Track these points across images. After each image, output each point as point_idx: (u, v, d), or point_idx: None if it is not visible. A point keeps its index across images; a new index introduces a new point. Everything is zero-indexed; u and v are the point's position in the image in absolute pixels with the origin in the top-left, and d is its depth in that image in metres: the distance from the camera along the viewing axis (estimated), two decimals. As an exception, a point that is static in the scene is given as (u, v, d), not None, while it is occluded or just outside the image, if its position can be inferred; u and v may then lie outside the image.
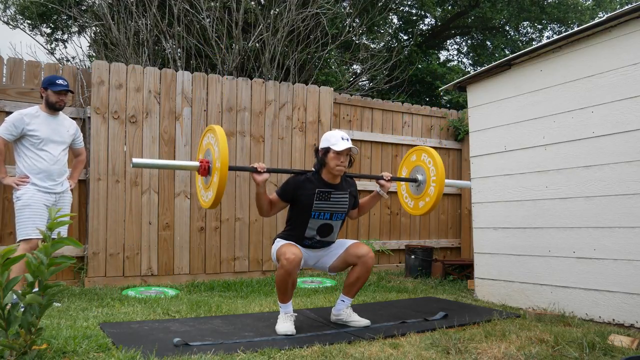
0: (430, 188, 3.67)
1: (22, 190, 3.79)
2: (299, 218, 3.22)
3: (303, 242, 3.24)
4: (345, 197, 3.26)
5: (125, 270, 4.93)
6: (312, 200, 3.15)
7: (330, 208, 3.20)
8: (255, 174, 3.09)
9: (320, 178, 3.21)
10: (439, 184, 3.60)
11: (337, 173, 3.17)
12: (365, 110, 6.38)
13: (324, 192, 3.17)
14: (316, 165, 3.25)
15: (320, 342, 2.80)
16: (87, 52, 9.35)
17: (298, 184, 3.20)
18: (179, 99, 5.23)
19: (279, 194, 3.24)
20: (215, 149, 2.94)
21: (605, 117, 3.61)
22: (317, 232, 3.23)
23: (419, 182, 3.78)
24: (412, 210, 3.87)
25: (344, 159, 3.15)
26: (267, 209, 3.24)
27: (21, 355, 2.23)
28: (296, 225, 3.24)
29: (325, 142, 3.18)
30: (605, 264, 3.57)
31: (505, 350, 2.73)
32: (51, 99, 3.89)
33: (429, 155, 3.72)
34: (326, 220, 3.21)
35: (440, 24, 11.88)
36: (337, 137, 3.15)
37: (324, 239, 3.27)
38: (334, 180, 3.22)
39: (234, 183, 5.44)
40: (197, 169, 3.07)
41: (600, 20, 3.59)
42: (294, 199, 3.21)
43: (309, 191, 3.16)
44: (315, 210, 3.16)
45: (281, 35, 7.28)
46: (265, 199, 3.19)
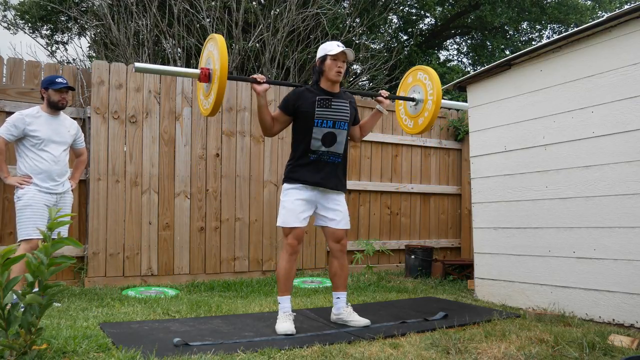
0: (428, 103, 3.72)
1: (23, 190, 3.80)
2: (303, 129, 3.24)
3: (309, 156, 3.24)
4: (345, 105, 3.30)
5: (125, 270, 4.93)
6: (314, 108, 3.20)
7: (332, 115, 3.23)
8: (255, 84, 3.17)
9: (319, 87, 3.29)
10: (436, 98, 3.67)
11: (335, 78, 3.23)
12: (365, 110, 6.37)
13: (324, 99, 3.23)
14: (314, 76, 3.33)
15: (320, 342, 2.80)
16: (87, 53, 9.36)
17: (298, 94, 3.27)
18: (179, 99, 5.23)
19: (281, 106, 3.31)
20: (215, 57, 3.04)
21: (605, 117, 3.61)
22: (322, 142, 3.23)
23: (416, 101, 3.84)
24: (411, 129, 3.92)
25: (341, 64, 3.22)
26: (270, 124, 3.30)
27: (21, 355, 2.23)
28: (301, 139, 3.26)
29: (322, 52, 3.27)
30: (605, 264, 3.57)
31: (505, 350, 2.73)
32: (53, 98, 3.89)
33: (425, 72, 3.80)
34: (329, 129, 3.23)
35: (440, 24, 11.88)
36: (333, 44, 3.24)
37: (330, 149, 3.25)
38: (333, 89, 3.29)
39: (234, 183, 5.44)
40: (197, 76, 3.16)
41: (600, 20, 3.59)
42: (295, 110, 3.26)
43: (309, 99, 3.22)
44: (317, 117, 3.20)
45: (281, 35, 7.29)
46: (267, 112, 3.26)
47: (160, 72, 3.54)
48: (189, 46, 7.49)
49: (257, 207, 5.56)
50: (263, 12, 7.66)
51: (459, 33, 12.75)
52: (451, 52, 14.10)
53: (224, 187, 5.40)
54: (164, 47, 8.00)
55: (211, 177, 5.34)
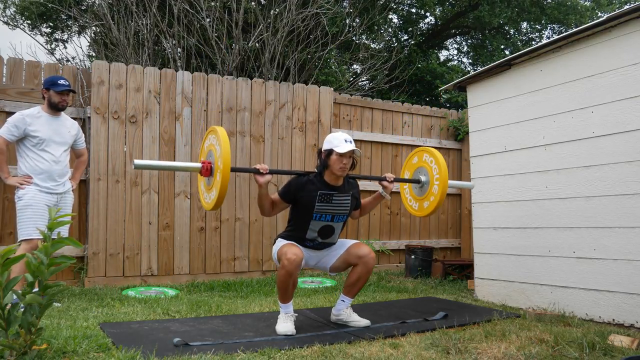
0: (434, 187, 3.61)
1: (23, 191, 3.80)
2: (301, 219, 3.22)
3: (304, 243, 3.24)
4: (347, 199, 3.25)
5: (125, 270, 4.93)
6: (314, 202, 3.15)
7: (332, 210, 3.20)
8: (258, 175, 3.09)
9: (322, 180, 3.21)
10: (442, 183, 3.56)
11: (339, 174, 3.17)
12: (365, 110, 6.38)
13: (326, 195, 3.17)
14: (319, 167, 3.25)
15: (320, 342, 2.80)
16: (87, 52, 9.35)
17: (300, 185, 3.20)
18: (179, 99, 5.23)
19: (281, 194, 3.24)
20: (217, 151, 2.93)
21: (605, 117, 3.61)
22: (319, 234, 3.23)
23: (422, 183, 3.73)
24: (417, 211, 3.81)
25: (346, 161, 3.14)
26: (269, 210, 3.25)
27: (21, 355, 2.23)
28: (297, 227, 3.24)
29: (328, 144, 3.18)
30: (605, 264, 3.57)
31: (505, 350, 2.73)
32: (53, 99, 3.89)
33: (431, 156, 3.69)
34: (327, 222, 3.21)
35: (440, 24, 11.88)
36: (341, 139, 3.15)
37: (325, 241, 3.27)
38: (337, 182, 3.22)
39: (234, 183, 5.44)
40: (199, 170, 3.06)
41: (600, 20, 3.59)
42: (295, 200, 3.21)
43: (311, 193, 3.16)
44: (317, 212, 3.16)
45: (281, 35, 7.28)
46: (267, 200, 3.19)
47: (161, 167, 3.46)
48: (189, 46, 7.49)
49: (257, 207, 5.50)
50: (263, 12, 7.65)
51: (459, 33, 12.74)
52: (451, 52, 14.11)
53: (224, 187, 5.39)
54: (164, 47, 7.99)
55: (211, 177, 5.33)
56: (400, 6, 11.25)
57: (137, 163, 3.00)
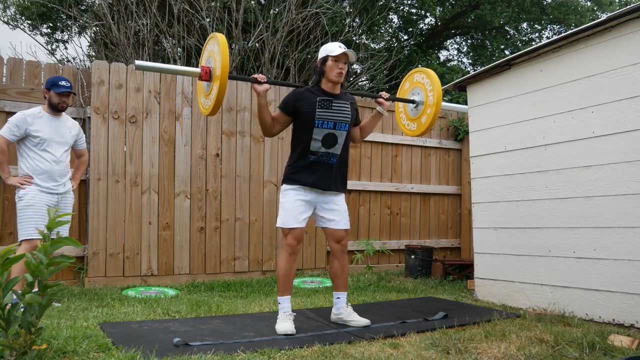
0: (429, 98, 3.72)
1: (24, 191, 3.80)
2: (303, 130, 3.23)
3: (309, 157, 3.22)
4: (346, 106, 3.29)
5: (125, 270, 4.93)
6: (315, 109, 3.18)
7: (333, 116, 3.22)
8: (256, 84, 3.15)
9: (320, 88, 3.27)
10: (436, 98, 3.66)
11: (336, 79, 3.22)
12: (365, 110, 6.37)
13: (325, 100, 3.21)
14: (315, 77, 3.32)
15: (320, 342, 2.80)
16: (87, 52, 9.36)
17: (299, 94, 3.26)
18: (179, 99, 5.23)
19: (281, 107, 3.30)
20: (216, 56, 3.01)
21: (605, 117, 3.61)
22: (322, 143, 3.21)
23: (417, 103, 3.83)
24: (413, 131, 3.91)
25: (342, 66, 3.21)
26: (270, 124, 3.29)
27: (21, 355, 2.23)
28: (301, 140, 3.25)
29: (323, 52, 3.26)
30: (605, 264, 3.57)
31: (505, 350, 2.73)
32: (53, 100, 3.89)
33: (425, 74, 3.80)
34: (330, 130, 3.21)
35: (440, 24, 11.88)
36: (335, 45, 3.23)
37: (329, 150, 3.24)
38: (334, 90, 3.28)
39: (234, 183, 5.44)
40: (198, 75, 3.12)
41: (600, 21, 3.59)
42: (296, 110, 3.24)
43: (310, 100, 3.21)
44: (318, 118, 3.18)
45: (281, 35, 7.29)
46: (267, 112, 3.24)
47: (161, 70, 3.52)
48: (189, 46, 7.49)
49: (257, 207, 5.56)
50: (263, 11, 7.66)
51: (459, 33, 12.75)
52: (451, 52, 14.11)
53: (224, 187, 5.40)
54: (164, 47, 8.00)
55: (211, 177, 5.34)
56: (400, 6, 11.25)
57: (138, 64, 3.10)
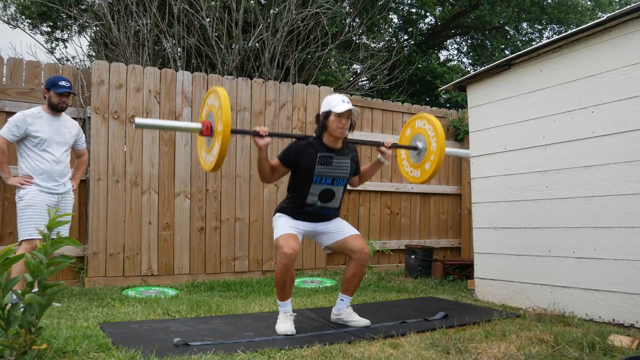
0: (432, 145, 3.63)
1: (24, 191, 3.80)
2: (301, 183, 3.20)
3: (304, 208, 3.21)
4: (346, 162, 3.26)
5: (125, 270, 4.93)
6: (314, 165, 3.15)
7: (332, 173, 3.19)
8: (258, 137, 3.10)
9: (321, 142, 3.21)
10: (439, 145, 3.58)
11: (338, 136, 3.17)
12: (365, 110, 6.38)
13: (325, 157, 3.17)
14: (317, 130, 3.26)
15: (320, 342, 2.80)
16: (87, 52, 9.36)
17: (300, 148, 3.21)
18: (179, 99, 5.23)
19: (281, 158, 3.25)
20: (218, 111, 2.95)
21: (605, 117, 3.61)
22: (319, 198, 3.20)
23: (419, 150, 3.74)
24: (416, 179, 3.82)
25: (345, 122, 3.15)
26: (269, 174, 3.24)
27: (21, 355, 2.23)
28: (298, 191, 3.23)
29: (326, 106, 3.18)
30: (605, 263, 3.57)
31: (505, 350, 2.73)
32: (53, 100, 3.89)
33: (426, 120, 3.72)
34: (328, 186, 3.20)
35: (440, 24, 11.88)
36: (338, 100, 3.16)
37: (326, 205, 3.24)
38: (336, 145, 3.22)
39: (234, 183, 5.44)
40: (199, 130, 3.06)
41: (600, 21, 3.59)
42: (295, 163, 3.21)
43: (310, 155, 3.16)
44: (317, 175, 3.15)
45: (281, 35, 7.29)
46: (267, 164, 3.19)
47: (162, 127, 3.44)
48: (189, 46, 7.49)
49: (257, 207, 5.56)
50: (263, 11, 7.66)
51: (459, 33, 12.74)
52: (451, 52, 14.11)
53: (224, 187, 5.40)
54: (164, 47, 8.00)
55: (211, 177, 5.34)
56: (400, 6, 11.25)
57: (138, 122, 3.00)
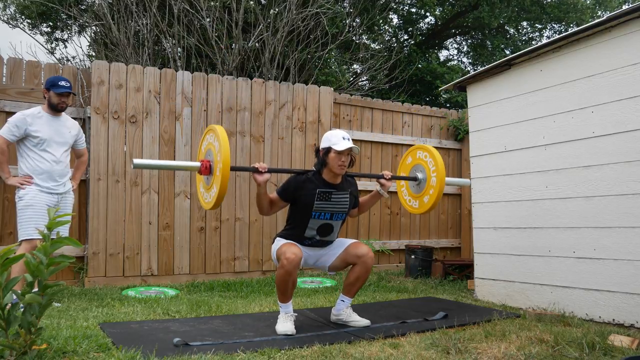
0: (432, 179, 3.63)
1: (24, 191, 3.80)
2: (299, 218, 3.21)
3: (303, 241, 3.24)
4: (346, 197, 3.25)
5: (125, 270, 4.93)
6: (313, 201, 3.14)
7: (331, 208, 3.19)
8: (257, 174, 3.08)
9: (321, 178, 3.20)
10: (440, 175, 3.57)
11: (338, 172, 3.17)
12: (365, 110, 6.38)
13: (324, 193, 3.17)
14: (317, 165, 3.24)
15: (320, 342, 2.80)
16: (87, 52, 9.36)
17: (299, 184, 3.19)
18: (179, 99, 5.23)
19: (280, 193, 3.24)
20: (216, 150, 2.92)
21: (605, 117, 3.61)
22: (317, 232, 3.23)
23: (419, 181, 3.74)
24: (416, 209, 3.81)
25: (345, 159, 3.14)
26: (268, 209, 3.24)
27: (21, 355, 2.23)
28: (296, 225, 3.24)
29: (326, 142, 3.17)
30: (605, 264, 3.57)
31: (505, 350, 2.73)
32: (53, 100, 3.89)
33: (426, 151, 3.72)
34: (326, 220, 3.21)
35: (440, 24, 11.88)
36: (339, 136, 3.15)
37: (324, 239, 3.27)
38: (335, 180, 3.21)
39: (234, 183, 5.44)
40: (198, 169, 3.05)
41: (600, 20, 3.59)
42: (294, 199, 3.21)
43: (309, 191, 3.15)
44: (315, 210, 3.16)
45: (281, 35, 7.28)
46: (266, 199, 3.18)
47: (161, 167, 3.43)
48: (189, 46, 7.49)
49: (257, 207, 5.54)
50: (263, 11, 7.66)
51: (459, 33, 12.74)
52: (451, 51, 14.12)
53: (224, 187, 5.39)
54: (164, 47, 8.00)
55: (211, 177, 5.33)
56: (401, 6, 11.25)
57: (136, 162, 2.99)
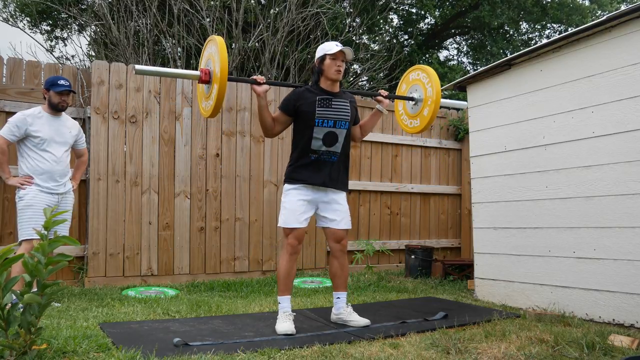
0: (428, 90, 3.72)
1: (25, 191, 3.80)
2: (304, 130, 3.25)
3: (310, 157, 3.24)
4: (346, 104, 3.31)
5: (125, 270, 4.93)
6: (314, 108, 3.21)
7: (333, 115, 3.24)
8: (255, 85, 3.19)
9: (319, 87, 3.30)
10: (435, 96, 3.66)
11: (334, 77, 3.25)
12: (365, 110, 6.36)
13: (324, 99, 3.24)
14: (314, 77, 3.34)
15: (320, 342, 2.80)
16: (87, 52, 9.35)
17: (298, 94, 3.28)
18: (179, 99, 5.23)
19: (281, 107, 3.33)
20: (215, 59, 3.04)
21: (605, 117, 3.61)
22: (323, 142, 3.23)
23: (415, 100, 3.83)
24: (416, 127, 3.88)
25: (340, 63, 3.23)
26: (271, 125, 3.32)
27: (21, 355, 2.23)
28: (301, 139, 3.27)
29: (321, 52, 3.29)
30: (605, 264, 3.57)
31: (505, 350, 2.73)
32: (53, 99, 3.89)
33: (419, 70, 3.81)
34: (330, 128, 3.23)
35: (440, 24, 11.88)
36: (332, 44, 3.27)
37: (330, 149, 3.26)
38: (333, 88, 3.30)
39: (234, 183, 5.44)
40: (198, 77, 3.15)
41: (600, 20, 3.59)
42: (296, 110, 3.27)
43: (310, 99, 3.23)
44: (318, 117, 3.20)
45: (281, 35, 7.28)
46: (267, 113, 3.27)
47: (161, 74, 3.55)
48: (189, 46, 7.49)
49: (257, 207, 5.56)
50: (263, 11, 7.66)
51: (458, 33, 12.75)
52: (451, 52, 14.11)
53: (224, 187, 5.40)
54: (164, 47, 8.00)
55: (211, 177, 5.34)
56: (401, 6, 11.25)
57: (138, 68, 3.14)
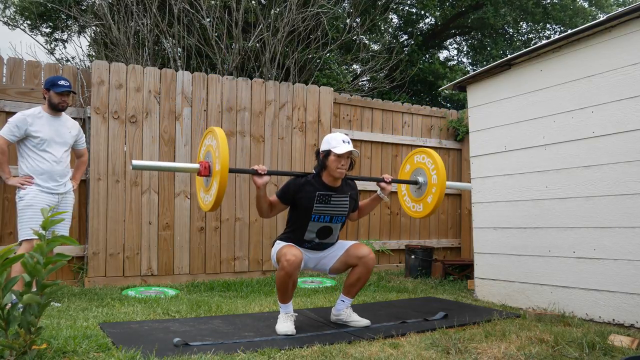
0: (433, 177, 3.61)
1: (25, 191, 3.80)
2: (299, 220, 3.21)
3: (303, 244, 3.23)
4: (345, 200, 3.24)
5: (125, 270, 4.93)
6: (313, 203, 3.14)
7: (331, 211, 3.19)
8: (256, 176, 3.08)
9: (320, 181, 3.20)
10: (440, 178, 3.55)
11: (338, 176, 3.16)
12: (365, 110, 6.38)
13: (324, 195, 3.16)
14: (317, 168, 3.24)
15: (320, 342, 2.80)
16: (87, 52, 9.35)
17: (298, 186, 3.19)
18: (179, 99, 5.23)
19: (279, 196, 3.23)
20: (215, 151, 2.92)
21: (605, 117, 3.61)
22: (317, 235, 3.22)
23: (419, 184, 3.72)
24: (417, 213, 3.79)
25: (344, 162, 3.13)
26: (267, 211, 3.24)
27: (21, 355, 2.23)
28: (296, 228, 3.24)
29: (326, 145, 3.16)
30: (605, 264, 3.57)
31: (505, 350, 2.73)
32: (53, 100, 3.89)
33: (425, 154, 3.71)
34: (326, 223, 3.20)
35: (440, 24, 11.87)
36: (339, 139, 3.14)
37: (324, 241, 3.27)
38: (335, 183, 3.21)
39: (234, 183, 5.44)
40: (197, 171, 3.03)
41: (600, 20, 3.59)
42: (294, 201, 3.20)
43: (309, 194, 3.15)
44: (315, 213, 3.15)
45: (281, 35, 7.28)
46: (265, 201, 3.17)
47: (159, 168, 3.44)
48: (189, 46, 7.49)
49: (256, 210, 5.54)
50: (263, 11, 7.65)
51: (459, 33, 12.74)
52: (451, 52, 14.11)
53: (224, 187, 5.39)
54: (164, 47, 8.00)
55: (211, 177, 5.33)
56: (401, 6, 11.24)
57: (135, 164, 2.98)
